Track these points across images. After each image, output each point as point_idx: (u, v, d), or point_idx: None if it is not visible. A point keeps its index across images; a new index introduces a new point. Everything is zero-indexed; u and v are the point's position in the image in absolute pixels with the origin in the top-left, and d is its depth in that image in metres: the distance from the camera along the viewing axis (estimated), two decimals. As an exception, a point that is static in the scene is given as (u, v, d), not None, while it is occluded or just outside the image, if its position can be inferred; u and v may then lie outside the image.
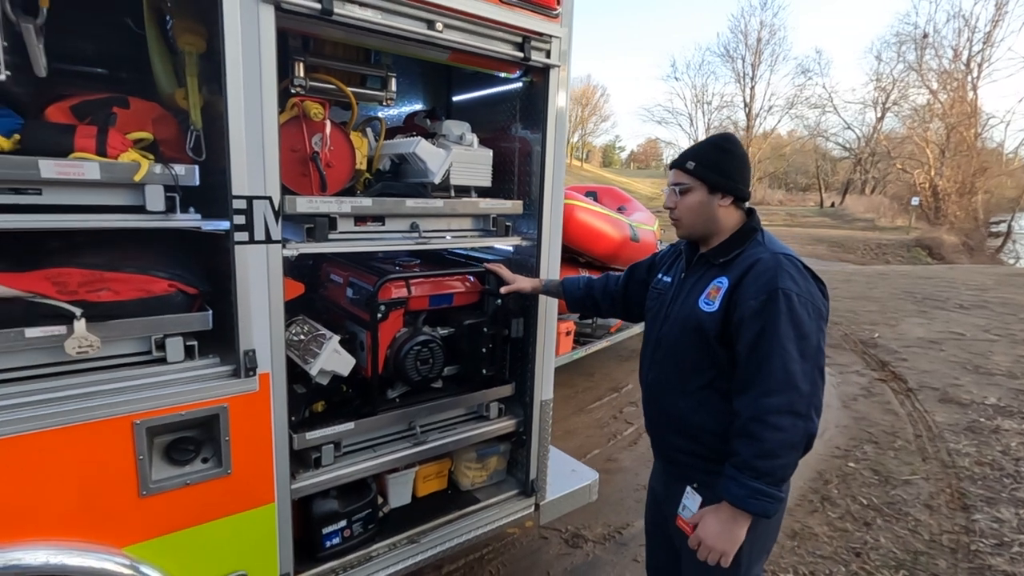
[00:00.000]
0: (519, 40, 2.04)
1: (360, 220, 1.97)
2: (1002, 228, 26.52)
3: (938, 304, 9.25)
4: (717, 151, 1.63)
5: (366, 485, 2.16)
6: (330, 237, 1.85)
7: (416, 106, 3.05)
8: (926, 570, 2.91)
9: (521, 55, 2.05)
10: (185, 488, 1.60)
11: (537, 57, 2.09)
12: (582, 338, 5.16)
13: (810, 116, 41.89)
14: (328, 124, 1.94)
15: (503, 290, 2.22)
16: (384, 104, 2.29)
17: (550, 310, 2.43)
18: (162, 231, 1.60)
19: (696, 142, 1.83)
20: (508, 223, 2.33)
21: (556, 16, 2.12)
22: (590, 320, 5.34)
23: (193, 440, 1.63)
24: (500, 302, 2.27)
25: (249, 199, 1.56)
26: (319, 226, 1.82)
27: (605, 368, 5.92)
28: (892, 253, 21.09)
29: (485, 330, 2.27)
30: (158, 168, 1.50)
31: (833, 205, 37.80)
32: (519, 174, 2.42)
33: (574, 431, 4.50)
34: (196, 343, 1.65)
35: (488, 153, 2.30)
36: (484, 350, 2.27)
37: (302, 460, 1.96)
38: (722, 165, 1.61)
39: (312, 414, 2.06)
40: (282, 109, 1.80)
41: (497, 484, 2.58)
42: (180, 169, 1.52)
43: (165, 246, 1.74)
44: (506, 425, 2.46)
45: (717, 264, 1.61)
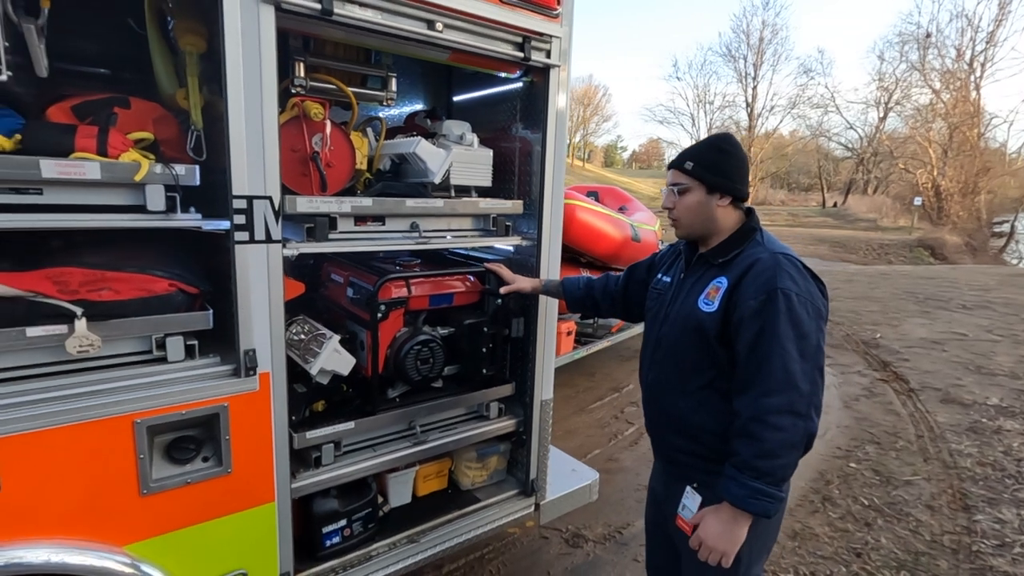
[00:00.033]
0: (519, 40, 2.05)
1: (360, 220, 1.97)
2: (1005, 228, 26.49)
3: (940, 304, 9.22)
4: (715, 151, 1.63)
5: (366, 484, 2.17)
6: (330, 237, 1.86)
7: (417, 106, 3.06)
8: (927, 571, 2.90)
9: (521, 55, 2.05)
10: (186, 487, 1.61)
11: (537, 57, 2.09)
12: (583, 338, 5.16)
13: (812, 116, 42.00)
14: (328, 124, 1.94)
15: (503, 290, 2.22)
16: (384, 104, 2.29)
17: (550, 310, 2.43)
18: (163, 231, 1.60)
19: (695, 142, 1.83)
20: (508, 223, 2.34)
21: (556, 16, 2.12)
22: (591, 320, 5.33)
23: (193, 439, 1.64)
24: (500, 302, 2.28)
25: (249, 199, 1.57)
26: (319, 226, 1.82)
27: (606, 368, 5.92)
28: (894, 253, 21.03)
29: (485, 330, 2.27)
30: (159, 168, 1.50)
31: (835, 205, 37.72)
32: (519, 174, 2.42)
33: (575, 431, 4.50)
34: (196, 342, 1.65)
35: (488, 153, 2.30)
36: (484, 350, 2.28)
37: (302, 459, 1.97)
38: (720, 165, 1.61)
39: (312, 413, 2.06)
40: (282, 109, 1.81)
41: (497, 484, 2.58)
42: (181, 169, 1.53)
43: (166, 246, 1.74)
44: (506, 425, 2.47)
45: (716, 264, 1.61)
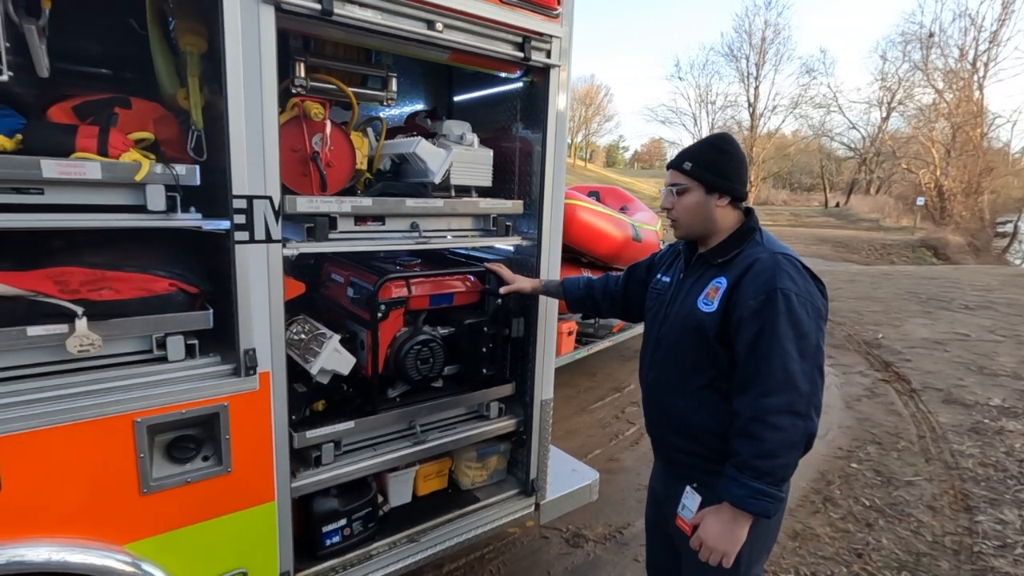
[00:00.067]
0: (519, 40, 2.05)
1: (360, 220, 1.98)
2: (1008, 228, 26.39)
3: (943, 305, 9.20)
4: (714, 151, 1.63)
5: (366, 484, 2.17)
6: (330, 237, 1.86)
7: (417, 106, 3.06)
8: (928, 571, 2.90)
9: (521, 55, 2.05)
10: (186, 486, 1.61)
11: (537, 57, 2.09)
12: (584, 338, 5.16)
13: (815, 116, 41.90)
14: (328, 124, 1.95)
15: (503, 290, 2.23)
16: (385, 104, 2.29)
17: (550, 310, 2.43)
18: (163, 230, 1.60)
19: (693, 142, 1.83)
20: (508, 223, 2.34)
21: (556, 16, 2.12)
22: (592, 320, 5.33)
23: (194, 438, 1.64)
24: (500, 302, 2.28)
25: (249, 199, 1.57)
26: (319, 226, 1.83)
27: (607, 368, 5.92)
28: (897, 253, 20.96)
29: (485, 330, 2.27)
30: (159, 168, 1.51)
31: (838, 205, 37.64)
32: (519, 174, 2.42)
33: (576, 431, 4.50)
34: (197, 342, 1.66)
35: (488, 153, 2.30)
36: (484, 350, 2.28)
37: (302, 458, 1.97)
38: (719, 165, 1.60)
39: (312, 413, 2.06)
40: (283, 109, 1.81)
41: (497, 483, 2.58)
42: (181, 169, 1.53)
43: (166, 245, 1.75)
44: (506, 425, 2.47)
45: (716, 264, 1.61)
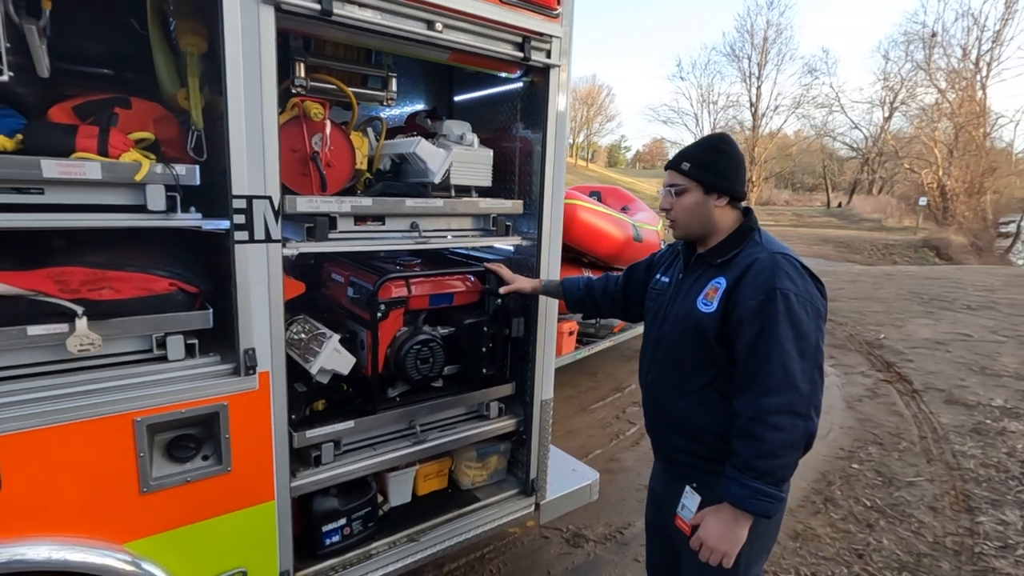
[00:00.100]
0: (519, 40, 2.05)
1: (360, 219, 1.98)
2: (1011, 228, 26.30)
3: (945, 305, 9.17)
4: (712, 151, 1.63)
5: (366, 483, 2.17)
6: (330, 236, 1.86)
7: (417, 106, 3.06)
8: (929, 572, 2.89)
9: (521, 55, 2.05)
10: (186, 485, 1.62)
11: (537, 57, 2.09)
12: (585, 338, 5.15)
13: (817, 116, 41.80)
14: (328, 124, 1.95)
15: (503, 290, 2.23)
16: (385, 104, 2.30)
17: (550, 310, 2.43)
18: (163, 230, 1.61)
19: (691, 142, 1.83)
20: (508, 223, 2.34)
21: (556, 16, 2.12)
22: (593, 320, 5.33)
23: (193, 438, 1.65)
24: (500, 302, 2.28)
25: (249, 199, 1.57)
26: (319, 225, 1.83)
27: (608, 368, 5.91)
28: (899, 253, 20.92)
29: (485, 329, 2.27)
30: (159, 168, 1.51)
31: (840, 205, 37.58)
32: (520, 174, 2.42)
33: (576, 431, 4.50)
34: (197, 341, 1.66)
35: (488, 153, 2.30)
36: (484, 349, 2.28)
37: (302, 458, 1.97)
38: (717, 165, 1.60)
39: (312, 412, 2.07)
40: (283, 109, 1.81)
41: (497, 483, 2.58)
42: (181, 169, 1.54)
43: (166, 245, 1.75)
44: (506, 424, 2.47)
45: (715, 264, 1.61)
